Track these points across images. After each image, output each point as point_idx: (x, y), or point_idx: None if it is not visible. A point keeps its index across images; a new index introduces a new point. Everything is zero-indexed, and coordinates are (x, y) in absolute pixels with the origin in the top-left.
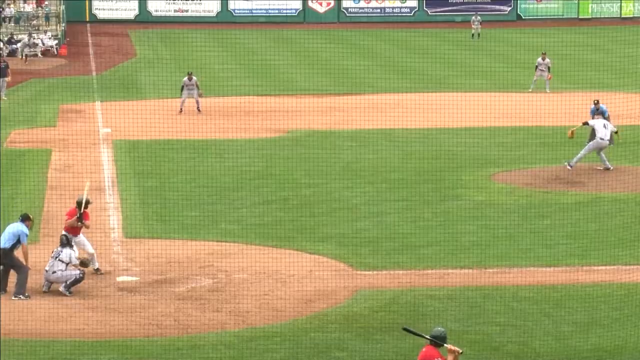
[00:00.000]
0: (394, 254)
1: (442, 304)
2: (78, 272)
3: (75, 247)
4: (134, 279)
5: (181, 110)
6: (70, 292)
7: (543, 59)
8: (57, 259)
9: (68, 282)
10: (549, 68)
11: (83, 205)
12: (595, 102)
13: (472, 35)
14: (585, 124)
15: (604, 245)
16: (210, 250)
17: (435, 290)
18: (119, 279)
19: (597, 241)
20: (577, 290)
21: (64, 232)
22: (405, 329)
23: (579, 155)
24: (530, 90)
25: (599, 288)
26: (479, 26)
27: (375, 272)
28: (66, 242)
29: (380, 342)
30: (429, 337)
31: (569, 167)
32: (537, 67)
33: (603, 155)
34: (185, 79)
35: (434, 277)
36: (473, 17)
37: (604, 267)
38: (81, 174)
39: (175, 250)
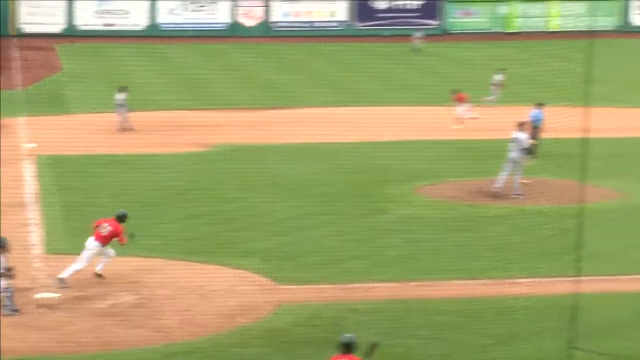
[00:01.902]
0: (319, 268)
1: (365, 317)
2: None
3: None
4: (54, 295)
5: (120, 129)
6: (12, 311)
7: (500, 76)
8: None
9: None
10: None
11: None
12: (538, 104)
13: (413, 50)
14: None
15: (526, 257)
16: (133, 266)
17: (359, 304)
18: (39, 295)
19: (520, 254)
20: (499, 303)
21: None
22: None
23: (516, 177)
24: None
25: (520, 300)
26: (422, 40)
27: (299, 287)
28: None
29: (303, 356)
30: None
31: (519, 195)
32: (494, 84)
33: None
34: (120, 94)
35: (359, 290)
36: (416, 33)
37: (526, 280)
38: (4, 189)
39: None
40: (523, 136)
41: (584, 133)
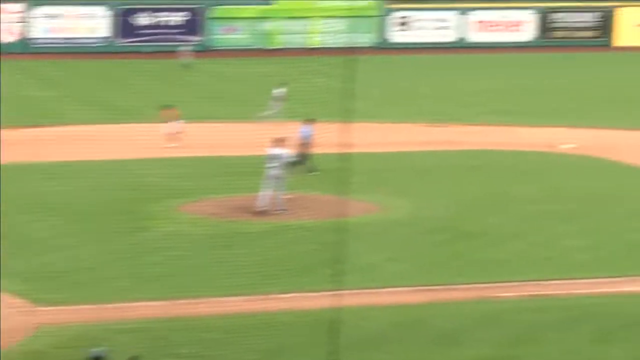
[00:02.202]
0: (80, 287)
1: (128, 337)
2: None
3: None
4: None
5: None
6: None
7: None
8: None
9: None
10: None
11: None
12: (308, 120)
13: (183, 66)
14: None
15: (290, 272)
16: None
17: (121, 324)
18: None
19: (283, 269)
20: (264, 318)
21: None
22: None
23: (279, 193)
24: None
25: (284, 315)
26: (190, 56)
27: (60, 308)
28: None
29: None
30: None
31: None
32: (275, 98)
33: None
34: None
35: (122, 310)
36: (183, 48)
37: (289, 295)
38: None
39: None
40: (284, 152)
41: (344, 148)
